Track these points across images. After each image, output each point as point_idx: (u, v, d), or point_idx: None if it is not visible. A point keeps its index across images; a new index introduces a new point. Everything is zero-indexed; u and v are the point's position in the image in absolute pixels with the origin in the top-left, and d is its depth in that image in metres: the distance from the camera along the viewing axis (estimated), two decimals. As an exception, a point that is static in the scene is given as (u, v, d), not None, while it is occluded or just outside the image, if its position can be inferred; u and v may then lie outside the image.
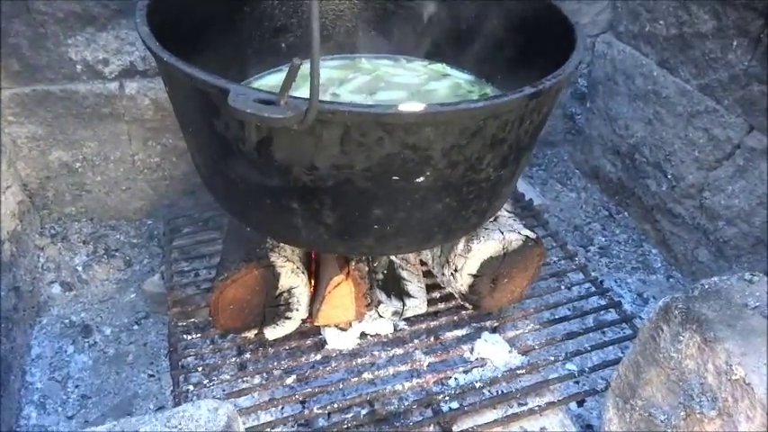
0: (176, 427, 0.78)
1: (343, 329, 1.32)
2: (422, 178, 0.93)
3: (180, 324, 1.33)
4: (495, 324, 1.38)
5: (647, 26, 1.70)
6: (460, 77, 1.42)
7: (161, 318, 1.52)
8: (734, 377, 0.81)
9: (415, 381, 1.25)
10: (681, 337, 0.90)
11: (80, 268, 1.66)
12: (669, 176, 1.69)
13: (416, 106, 0.85)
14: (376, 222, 0.98)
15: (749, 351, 0.82)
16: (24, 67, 1.53)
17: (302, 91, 0.81)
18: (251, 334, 1.27)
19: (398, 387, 1.23)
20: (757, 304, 0.91)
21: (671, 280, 1.70)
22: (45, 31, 1.51)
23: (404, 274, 1.39)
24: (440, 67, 1.45)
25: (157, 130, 1.70)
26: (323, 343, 1.31)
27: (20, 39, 1.49)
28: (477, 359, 1.31)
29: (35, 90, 1.57)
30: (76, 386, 1.39)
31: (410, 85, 1.39)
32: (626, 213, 1.92)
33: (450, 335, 1.33)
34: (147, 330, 1.52)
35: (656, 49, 1.68)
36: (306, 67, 0.74)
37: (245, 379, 1.27)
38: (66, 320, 1.54)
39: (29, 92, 1.57)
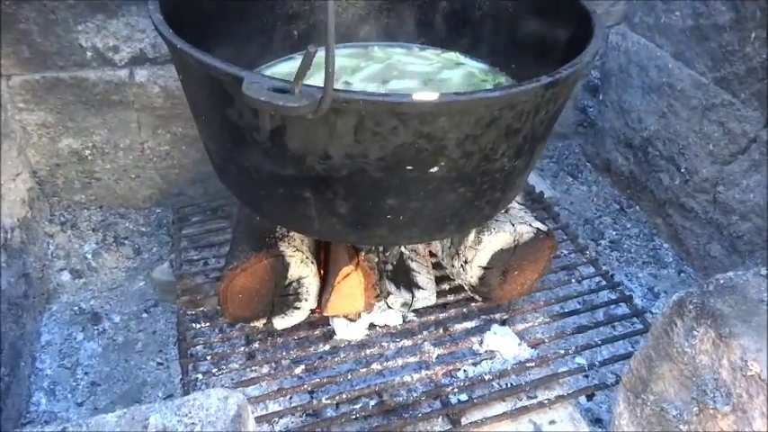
0: (187, 415, 0.78)
1: (351, 320, 1.32)
2: (436, 168, 0.92)
3: (189, 313, 1.33)
4: (505, 316, 1.37)
5: (663, 17, 1.68)
6: (474, 66, 1.40)
7: (170, 306, 1.52)
8: (749, 373, 0.81)
9: (423, 372, 1.24)
10: (695, 332, 0.89)
11: (89, 256, 1.66)
12: (682, 170, 1.67)
13: (431, 95, 0.83)
14: (389, 212, 0.97)
15: (765, 347, 0.82)
16: (34, 54, 1.53)
17: (315, 79, 0.80)
18: (260, 323, 1.27)
19: (407, 378, 1.23)
20: (772, 299, 0.90)
21: (682, 275, 1.69)
22: (55, 17, 1.50)
23: (413, 265, 1.39)
24: (453, 55, 1.44)
25: (167, 117, 1.70)
26: (332, 333, 1.31)
27: (30, 25, 1.49)
28: (486, 351, 1.30)
29: (45, 77, 1.57)
30: (86, 373, 1.39)
31: (423, 73, 1.37)
32: (638, 207, 1.90)
33: (459, 327, 1.33)
34: (156, 318, 1.52)
35: (671, 41, 1.66)
36: (319, 56, 0.73)
37: (253, 368, 1.27)
38: (76, 308, 1.54)
39: (39, 78, 1.56)
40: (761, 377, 0.79)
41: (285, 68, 1.37)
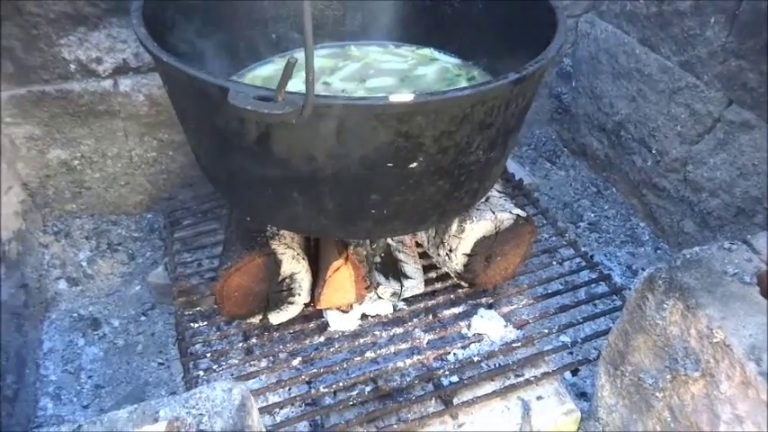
0: (194, 407, 0.83)
1: (344, 312, 1.37)
2: (415, 164, 0.97)
3: (186, 313, 1.37)
4: (491, 300, 1.43)
5: (628, 5, 1.74)
6: (448, 61, 1.45)
7: (167, 308, 1.57)
8: (714, 340, 0.87)
9: (415, 357, 1.30)
10: (665, 305, 0.95)
11: (85, 263, 1.70)
12: (654, 152, 1.74)
13: (406, 97, 0.89)
14: (373, 207, 1.03)
15: (728, 315, 0.88)
16: (19, 69, 1.56)
17: (296, 81, 0.85)
18: (256, 320, 1.32)
19: (400, 364, 1.29)
20: (736, 271, 0.96)
21: (659, 251, 1.76)
22: (38, 32, 1.53)
23: (401, 256, 1.44)
24: (427, 51, 1.49)
25: (153, 125, 1.73)
26: (326, 325, 1.36)
27: (12, 41, 1.52)
28: (474, 335, 1.36)
29: (30, 91, 1.60)
30: (89, 377, 1.44)
31: (399, 71, 1.42)
32: (614, 189, 1.97)
33: (447, 312, 1.38)
34: (155, 321, 1.56)
35: (637, 28, 1.72)
36: (299, 58, 0.78)
37: (252, 363, 1.31)
38: (75, 314, 1.58)
39: (24, 93, 1.59)
40: (725, 343, 0.86)
41: (266, 72, 1.41)
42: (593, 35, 1.91)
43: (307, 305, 1.34)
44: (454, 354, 1.34)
